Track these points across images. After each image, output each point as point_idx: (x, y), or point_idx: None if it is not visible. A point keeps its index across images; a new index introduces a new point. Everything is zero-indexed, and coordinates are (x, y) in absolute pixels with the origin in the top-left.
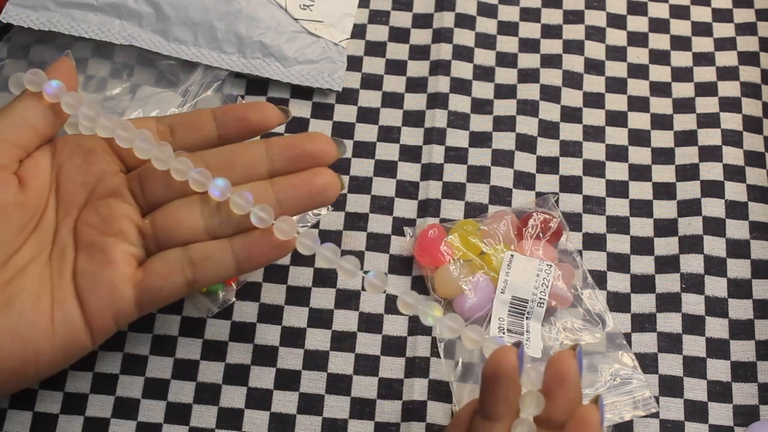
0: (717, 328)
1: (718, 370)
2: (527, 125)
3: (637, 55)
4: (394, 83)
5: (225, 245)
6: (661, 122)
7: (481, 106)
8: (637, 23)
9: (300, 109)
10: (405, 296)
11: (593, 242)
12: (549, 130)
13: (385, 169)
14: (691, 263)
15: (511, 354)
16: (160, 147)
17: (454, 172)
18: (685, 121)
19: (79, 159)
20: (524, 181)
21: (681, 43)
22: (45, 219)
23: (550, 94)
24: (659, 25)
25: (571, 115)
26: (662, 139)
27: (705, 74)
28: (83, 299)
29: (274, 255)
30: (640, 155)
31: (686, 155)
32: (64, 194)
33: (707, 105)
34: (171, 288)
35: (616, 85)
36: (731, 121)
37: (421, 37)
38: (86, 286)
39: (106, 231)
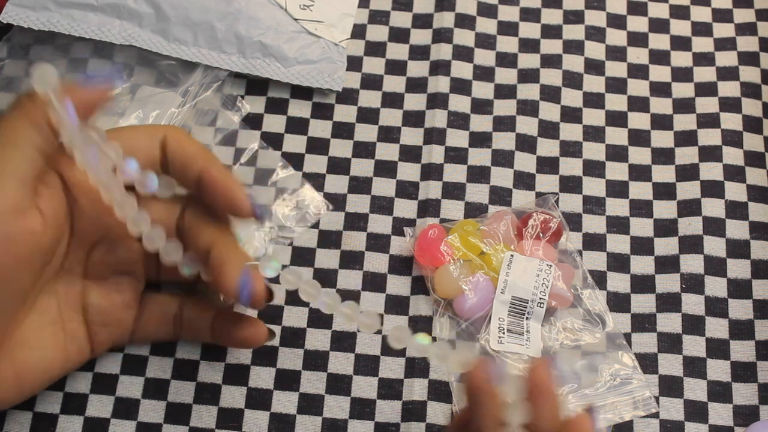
0: (717, 328)
1: (718, 370)
2: (527, 125)
3: (637, 55)
4: (394, 83)
5: (208, 319)
6: (661, 122)
7: (481, 106)
8: (637, 23)
9: (300, 109)
10: (395, 331)
11: (593, 242)
12: (549, 130)
13: (385, 169)
14: (691, 263)
15: (483, 372)
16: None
17: (454, 172)
18: (685, 121)
19: (91, 198)
20: (524, 181)
21: (681, 43)
22: (58, 250)
23: (550, 94)
24: (659, 25)
25: (571, 115)
26: (662, 139)
27: (705, 74)
28: (93, 331)
29: (238, 344)
30: (640, 155)
31: (686, 155)
32: (78, 229)
33: (707, 105)
34: (159, 335)
35: (616, 85)
36: (731, 121)
37: (421, 37)
38: (97, 320)
39: (120, 270)
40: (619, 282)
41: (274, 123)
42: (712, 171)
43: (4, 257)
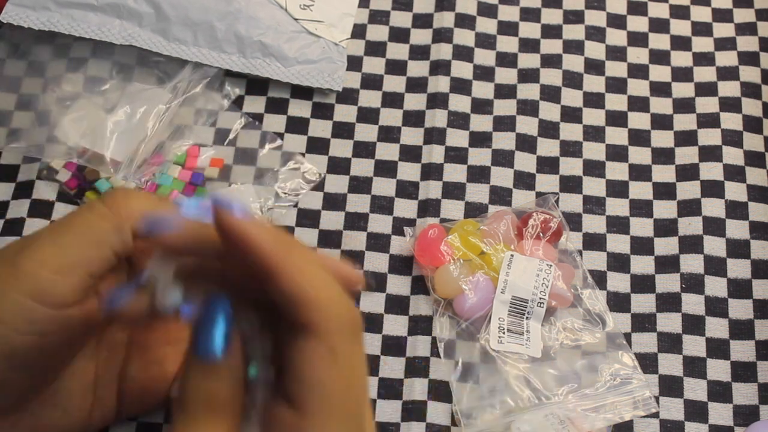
0: (717, 328)
1: (718, 370)
2: (527, 125)
3: (637, 55)
4: (394, 83)
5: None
6: (661, 122)
7: (481, 106)
8: (637, 23)
9: (300, 109)
10: None
11: (593, 242)
12: (549, 130)
13: (385, 169)
14: (691, 263)
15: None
16: None
17: (454, 172)
18: (685, 121)
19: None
20: (524, 181)
21: (681, 43)
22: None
23: (550, 94)
24: (659, 25)
25: (571, 115)
26: (662, 139)
27: (705, 74)
28: (124, 400)
29: None
30: (640, 155)
31: (686, 155)
32: None
33: (707, 105)
34: None
35: (616, 85)
36: (731, 121)
37: (421, 37)
38: (132, 390)
39: (166, 340)
40: (619, 282)
41: (274, 123)
42: (712, 171)
43: (58, 337)
